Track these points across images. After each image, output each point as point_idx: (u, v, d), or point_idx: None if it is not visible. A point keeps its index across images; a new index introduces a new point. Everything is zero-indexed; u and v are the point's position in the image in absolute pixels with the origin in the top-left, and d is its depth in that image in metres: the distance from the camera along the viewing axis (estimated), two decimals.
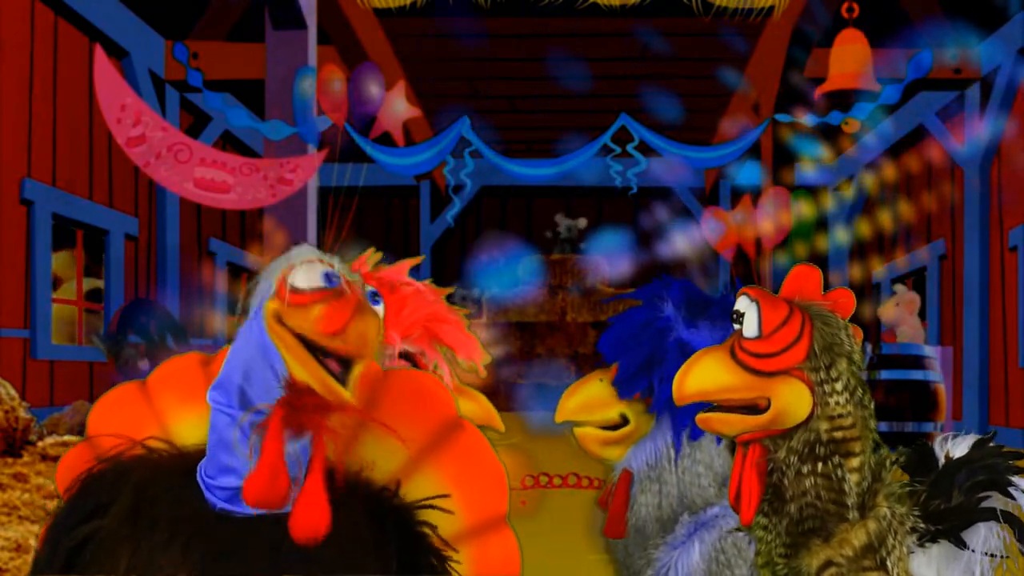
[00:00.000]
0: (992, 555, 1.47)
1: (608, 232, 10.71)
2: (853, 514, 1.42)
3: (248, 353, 1.28)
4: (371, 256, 1.51)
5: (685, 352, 1.78)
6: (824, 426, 1.42)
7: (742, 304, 1.42)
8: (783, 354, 1.40)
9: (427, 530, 1.40)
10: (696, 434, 1.88)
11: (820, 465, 1.42)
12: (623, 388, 1.91)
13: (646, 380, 1.88)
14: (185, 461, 1.38)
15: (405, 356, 1.77)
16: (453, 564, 1.40)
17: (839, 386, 1.43)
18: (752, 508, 1.44)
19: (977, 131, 8.82)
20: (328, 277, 1.27)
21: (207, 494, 1.31)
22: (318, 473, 1.28)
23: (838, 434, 1.43)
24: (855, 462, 1.43)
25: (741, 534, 1.74)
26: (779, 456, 1.43)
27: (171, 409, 1.50)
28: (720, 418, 1.43)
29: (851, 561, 1.41)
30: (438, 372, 1.79)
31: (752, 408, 1.41)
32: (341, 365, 1.29)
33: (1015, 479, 1.50)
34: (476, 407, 1.88)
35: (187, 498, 1.31)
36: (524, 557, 1.44)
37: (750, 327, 1.41)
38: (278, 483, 1.27)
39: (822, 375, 1.42)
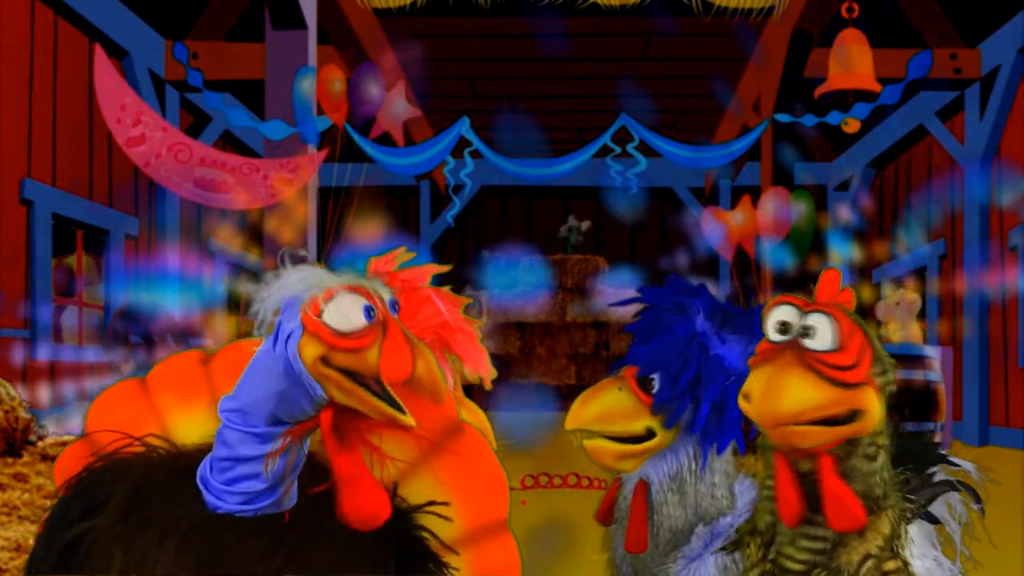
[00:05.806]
0: (958, 522, 1.58)
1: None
2: (880, 505, 1.45)
3: (278, 385, 1.24)
4: (401, 255, 1.44)
5: (722, 369, 1.76)
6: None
7: (813, 319, 1.39)
8: (862, 364, 1.39)
9: (426, 534, 1.39)
10: (723, 448, 1.83)
11: (871, 463, 1.44)
12: (667, 410, 1.79)
13: (689, 401, 1.77)
14: (183, 460, 1.36)
15: None
16: (452, 568, 1.40)
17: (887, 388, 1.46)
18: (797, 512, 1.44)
19: (977, 131, 8.81)
20: (368, 312, 1.21)
21: (211, 497, 1.29)
22: (358, 458, 1.27)
23: (879, 433, 1.46)
24: (884, 455, 1.46)
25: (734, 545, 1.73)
26: (852, 463, 1.43)
27: (170, 407, 1.48)
28: (801, 432, 1.38)
29: (881, 551, 1.44)
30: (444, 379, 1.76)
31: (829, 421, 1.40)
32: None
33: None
34: (472, 420, 1.86)
35: (182, 498, 1.30)
36: (523, 557, 1.44)
37: (824, 340, 1.37)
38: (367, 492, 1.26)
39: (882, 379, 1.43)
